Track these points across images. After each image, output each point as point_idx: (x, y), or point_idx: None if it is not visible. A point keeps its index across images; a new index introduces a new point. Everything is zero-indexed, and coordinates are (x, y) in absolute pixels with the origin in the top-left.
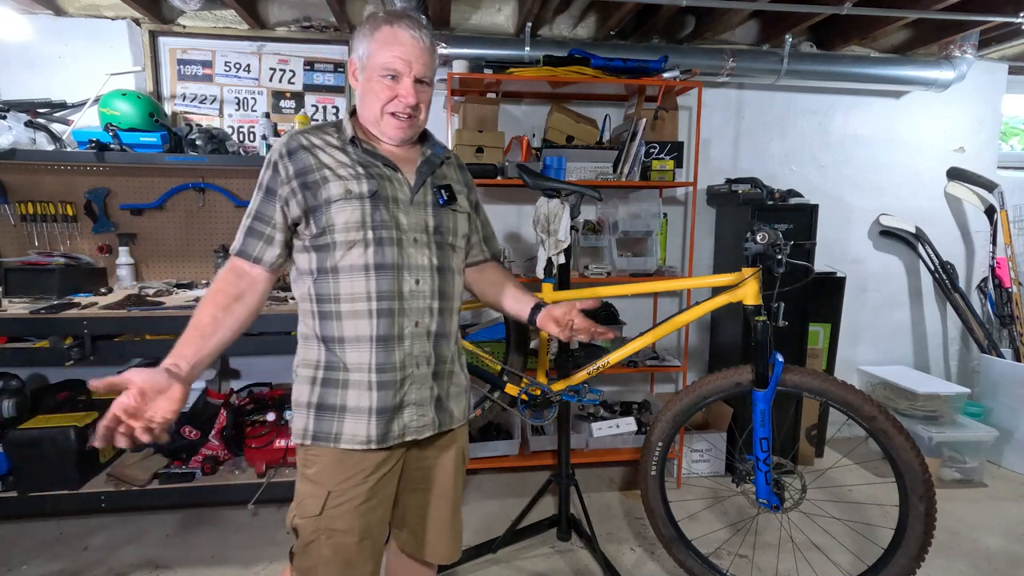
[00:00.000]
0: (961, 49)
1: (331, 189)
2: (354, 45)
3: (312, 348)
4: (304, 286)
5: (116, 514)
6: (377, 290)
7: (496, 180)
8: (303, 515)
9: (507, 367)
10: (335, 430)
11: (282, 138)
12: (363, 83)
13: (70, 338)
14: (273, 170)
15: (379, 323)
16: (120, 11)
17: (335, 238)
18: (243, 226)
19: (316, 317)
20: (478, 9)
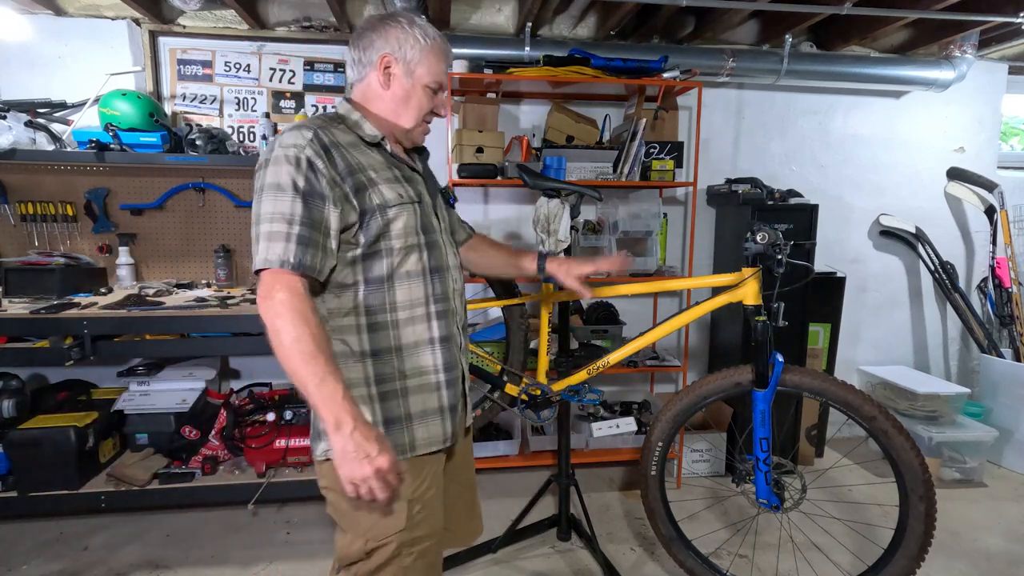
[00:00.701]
0: (961, 49)
1: (384, 193)
2: (397, 43)
3: (355, 367)
4: (347, 299)
5: (116, 514)
6: (434, 293)
7: (496, 180)
8: (382, 536)
9: (507, 367)
10: (407, 440)
11: (298, 133)
12: (406, 88)
13: (70, 338)
14: (310, 169)
15: (438, 324)
16: (120, 11)
17: (392, 244)
18: (283, 233)
19: (364, 331)
20: (478, 9)
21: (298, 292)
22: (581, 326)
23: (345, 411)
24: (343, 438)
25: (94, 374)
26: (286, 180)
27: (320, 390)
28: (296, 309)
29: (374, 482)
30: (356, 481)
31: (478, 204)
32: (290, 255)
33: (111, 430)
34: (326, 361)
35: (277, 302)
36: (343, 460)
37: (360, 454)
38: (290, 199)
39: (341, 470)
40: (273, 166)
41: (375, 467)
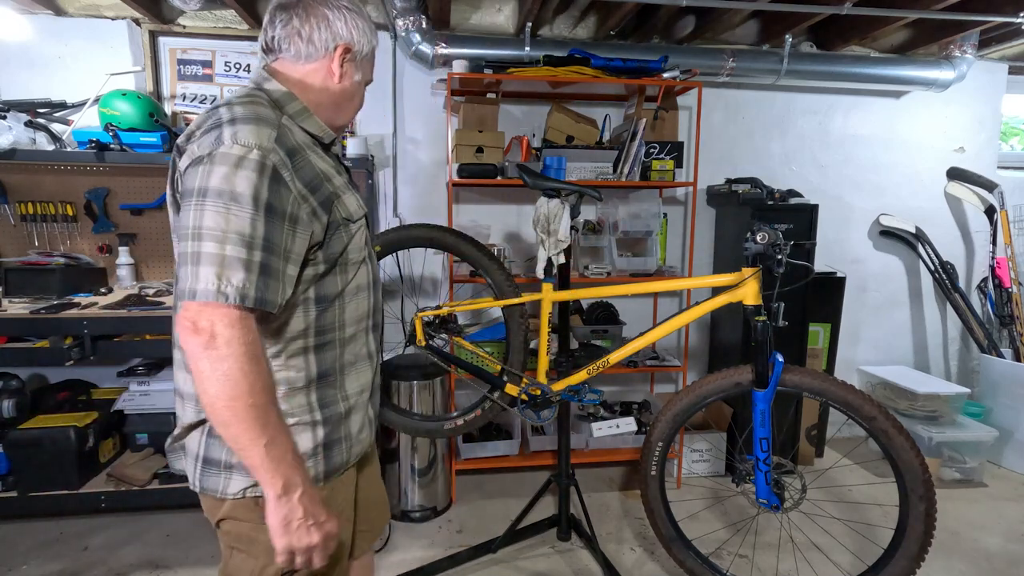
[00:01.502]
0: (961, 49)
1: (348, 204)
2: (355, 35)
3: (299, 394)
4: (296, 322)
5: (116, 514)
6: (374, 306)
7: (496, 180)
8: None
9: (507, 367)
10: (344, 459)
11: (257, 129)
12: (355, 85)
13: (70, 338)
14: (275, 180)
15: (373, 337)
16: (120, 11)
17: (348, 259)
18: (240, 260)
19: (312, 352)
20: (478, 9)
21: (251, 330)
22: (581, 326)
23: (296, 472)
24: (289, 504)
25: (94, 374)
26: (244, 189)
27: (269, 451)
28: (248, 353)
29: (319, 551)
30: (298, 551)
31: (478, 204)
32: (251, 288)
33: (111, 430)
34: (277, 416)
35: (222, 342)
36: (285, 529)
37: (308, 520)
38: (249, 216)
39: (281, 540)
40: (223, 166)
41: (324, 533)
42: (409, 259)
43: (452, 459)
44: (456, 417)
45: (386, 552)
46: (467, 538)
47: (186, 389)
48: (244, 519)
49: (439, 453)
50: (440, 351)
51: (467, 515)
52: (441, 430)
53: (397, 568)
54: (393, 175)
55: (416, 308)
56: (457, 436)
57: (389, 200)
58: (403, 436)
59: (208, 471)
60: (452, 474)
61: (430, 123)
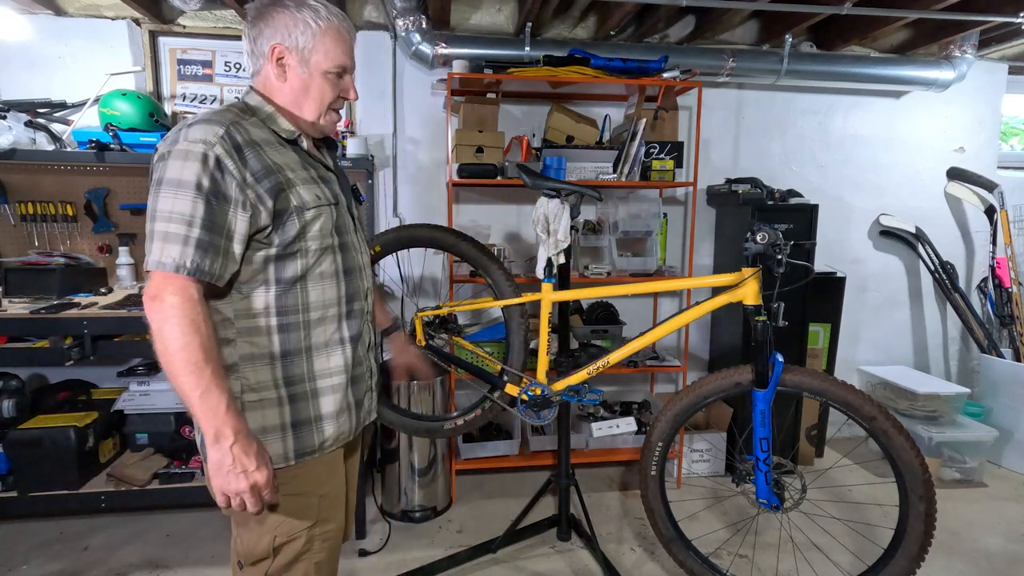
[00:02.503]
0: (961, 49)
1: (302, 194)
2: (286, 31)
3: (264, 369)
4: (257, 300)
5: (116, 514)
6: (347, 293)
7: (496, 180)
8: (292, 531)
9: (507, 367)
10: (317, 440)
11: (208, 127)
12: (304, 79)
13: (70, 338)
14: (217, 168)
15: (349, 324)
16: (120, 11)
17: (308, 246)
18: (180, 235)
19: (275, 332)
20: (478, 9)
21: (191, 297)
22: (581, 326)
23: (227, 424)
24: (220, 451)
25: (94, 374)
26: (189, 178)
27: (203, 401)
28: (187, 315)
29: (248, 496)
30: (229, 493)
31: (478, 204)
32: (187, 259)
33: (111, 430)
34: (213, 372)
35: (167, 306)
36: (217, 472)
37: (237, 468)
38: (191, 199)
39: (214, 481)
40: (176, 160)
41: (251, 482)
42: (409, 259)
43: (452, 459)
44: (456, 417)
45: (386, 552)
46: (467, 538)
47: None
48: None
49: (439, 453)
50: (440, 351)
51: (467, 515)
52: (441, 430)
53: (397, 568)
54: (393, 175)
55: (416, 308)
56: (457, 436)
57: (389, 200)
58: (403, 436)
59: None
60: (452, 474)
61: (430, 123)
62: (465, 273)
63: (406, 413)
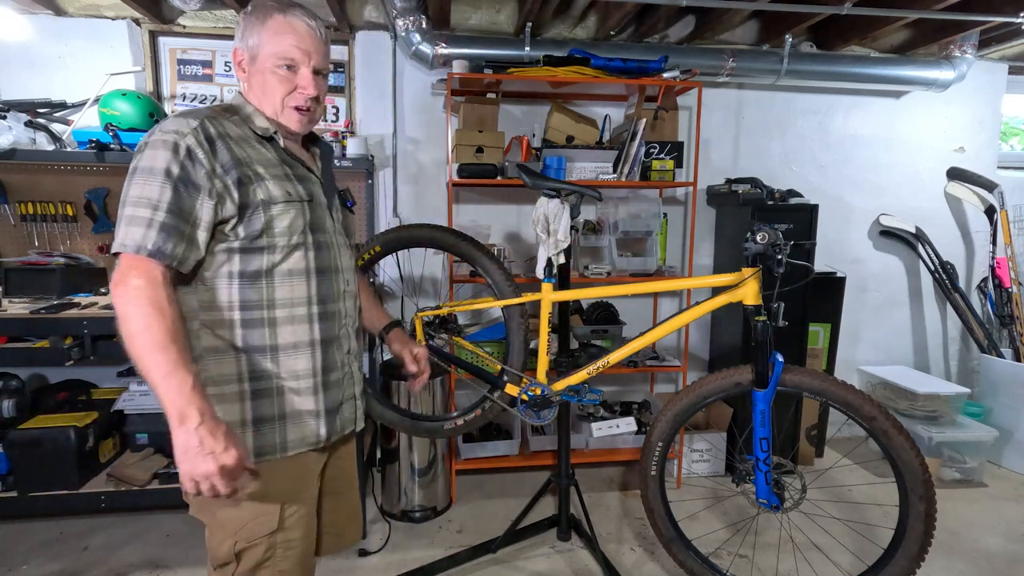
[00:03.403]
0: (961, 49)
1: (270, 190)
2: (241, 34)
3: (228, 362)
4: (221, 292)
5: (116, 514)
6: (319, 293)
7: (496, 180)
8: (252, 537)
9: (507, 367)
10: (279, 440)
11: (183, 120)
12: (254, 75)
13: (70, 338)
14: (188, 157)
15: (321, 326)
16: (120, 11)
17: (274, 242)
18: (144, 218)
19: (237, 326)
20: (478, 9)
21: (155, 279)
22: (581, 326)
23: (192, 405)
24: (186, 433)
25: (94, 374)
26: (159, 165)
27: (167, 381)
28: (150, 297)
29: (217, 479)
30: (197, 478)
31: (478, 204)
32: (148, 241)
33: (111, 430)
34: (178, 353)
35: (131, 288)
36: (184, 456)
37: (204, 450)
38: (159, 184)
39: (181, 466)
40: (149, 150)
41: (219, 464)
42: (409, 259)
43: (452, 459)
44: (456, 417)
45: (386, 552)
46: (467, 538)
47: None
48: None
49: (439, 453)
50: (440, 351)
51: (467, 515)
52: (441, 430)
53: (397, 568)
54: (393, 175)
55: (416, 308)
56: (457, 436)
57: (389, 200)
58: (403, 436)
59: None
60: (452, 474)
61: (430, 123)
62: (465, 273)
63: (406, 413)
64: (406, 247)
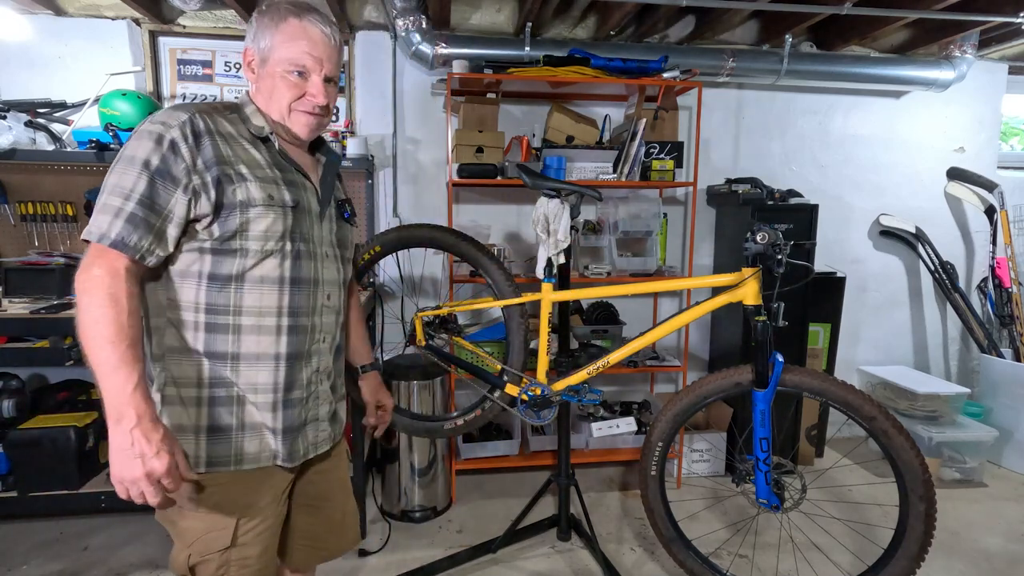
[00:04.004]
0: (961, 49)
1: (251, 191)
2: (253, 34)
3: (188, 364)
4: (188, 292)
5: (116, 514)
6: (291, 305)
7: (496, 180)
8: (205, 551)
9: (507, 367)
10: (234, 451)
11: (172, 112)
12: (264, 77)
13: (70, 338)
14: (171, 150)
15: (288, 340)
16: (120, 11)
17: (247, 245)
18: (114, 208)
19: (201, 329)
20: (478, 9)
21: (116, 273)
22: (581, 326)
23: (130, 405)
24: (121, 433)
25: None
26: (140, 155)
27: (110, 378)
28: (107, 290)
29: (144, 484)
30: (124, 482)
31: (478, 204)
32: (112, 231)
33: None
34: (126, 349)
35: (90, 277)
36: (115, 456)
37: (134, 452)
38: (135, 174)
39: (112, 467)
40: (134, 139)
41: (148, 468)
42: (409, 259)
43: (452, 459)
44: (456, 417)
45: (386, 552)
46: (467, 538)
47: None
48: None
49: (439, 453)
50: (440, 351)
51: (467, 515)
52: (441, 430)
53: (397, 568)
54: (393, 175)
55: (416, 308)
56: (457, 436)
57: (389, 200)
58: (403, 436)
59: None
60: (452, 474)
61: (430, 123)
62: (465, 273)
63: (406, 413)
64: (406, 247)
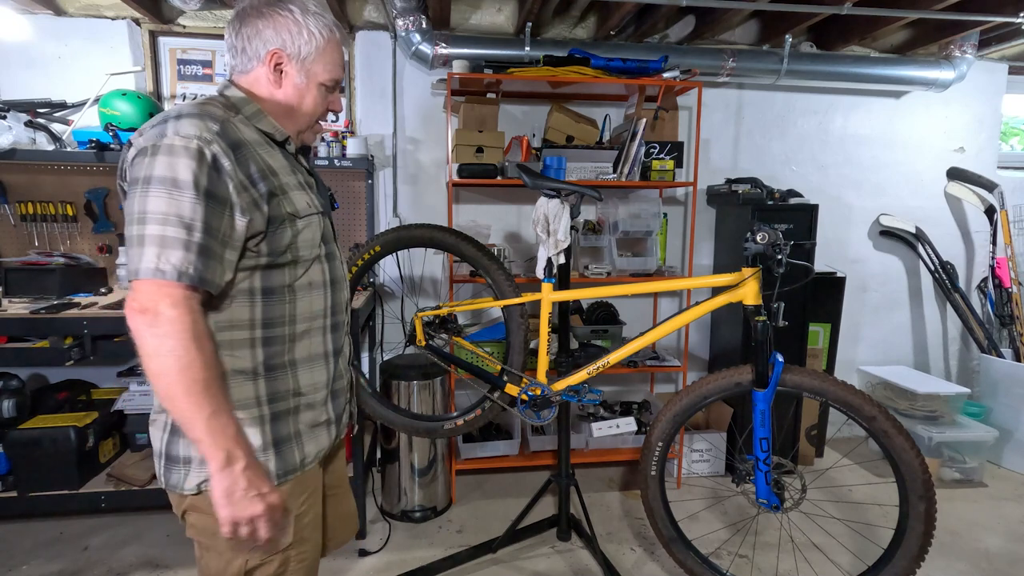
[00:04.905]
0: (961, 49)
1: (295, 201)
2: (291, 37)
3: (246, 386)
4: (241, 311)
5: (116, 514)
6: (332, 304)
7: (496, 180)
8: (268, 554)
9: (507, 367)
10: (299, 458)
11: (200, 122)
12: (300, 88)
13: (70, 338)
14: (214, 168)
15: (332, 337)
16: (120, 11)
17: (298, 255)
18: (180, 240)
19: (259, 345)
20: (478, 9)
21: (193, 310)
22: (581, 326)
23: (238, 447)
24: (232, 476)
25: (94, 374)
26: (185, 176)
27: (211, 423)
28: (191, 331)
29: (262, 522)
30: (242, 521)
31: (478, 204)
32: (189, 267)
33: (111, 430)
34: (218, 390)
35: (165, 320)
36: (228, 499)
37: (251, 492)
38: (190, 200)
39: (224, 511)
40: (167, 156)
41: (267, 504)
42: (409, 259)
43: (452, 459)
44: (456, 417)
45: (386, 552)
46: (467, 538)
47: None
48: (206, 511)
49: (439, 453)
50: (440, 351)
51: (467, 515)
52: (441, 430)
53: (397, 568)
54: (393, 175)
55: (416, 308)
56: (457, 436)
57: (389, 200)
58: (403, 436)
59: (170, 467)
60: (452, 474)
61: (430, 123)
62: (465, 273)
63: (406, 413)
64: (406, 247)
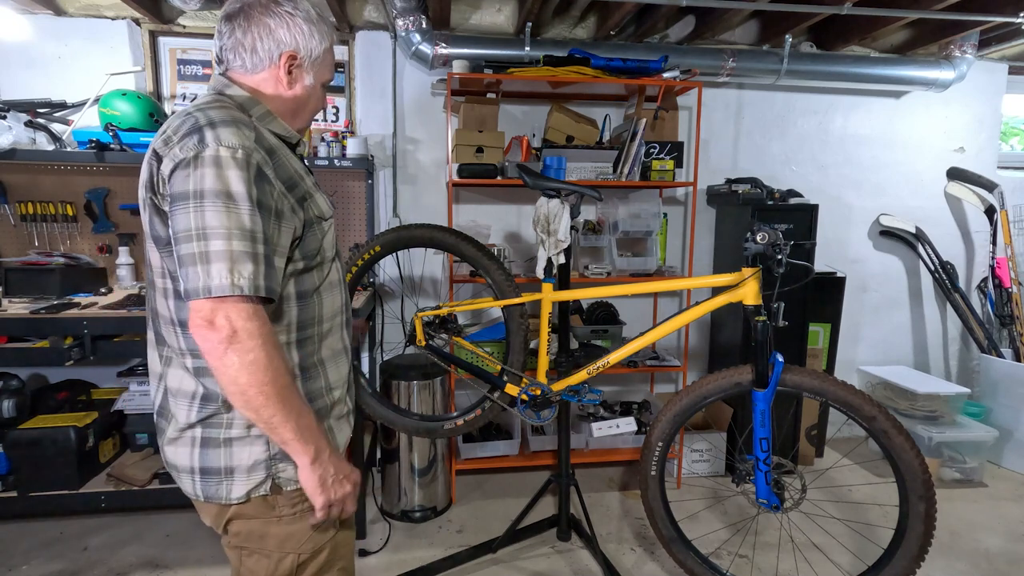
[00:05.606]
0: (961, 49)
1: (320, 204)
2: (305, 38)
3: None
4: (283, 317)
5: (116, 514)
6: (344, 301)
7: (496, 180)
8: (316, 546)
9: (507, 367)
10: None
11: (237, 131)
12: (308, 90)
13: (70, 338)
14: (259, 176)
15: (346, 333)
16: (120, 11)
17: (324, 256)
18: (249, 253)
19: (295, 348)
20: (478, 9)
21: (265, 320)
22: (581, 326)
23: (322, 439)
24: (322, 466)
25: (94, 374)
26: (239, 188)
27: (299, 421)
28: (272, 341)
29: (351, 498)
30: (335, 503)
31: (478, 204)
32: (260, 279)
33: (111, 430)
34: (297, 392)
35: (246, 335)
36: (323, 487)
37: (339, 475)
38: (248, 212)
39: (320, 498)
40: (215, 168)
41: (353, 482)
42: (409, 259)
43: (452, 459)
44: (456, 417)
45: (386, 552)
46: (467, 538)
47: (184, 388)
48: (253, 516)
49: (439, 453)
50: (440, 351)
51: (467, 515)
52: (441, 430)
53: (397, 568)
54: (393, 175)
55: (416, 308)
56: (457, 436)
57: (389, 200)
58: (403, 436)
59: (208, 481)
60: (452, 474)
61: (430, 123)
62: (465, 273)
63: (406, 413)
64: (406, 247)
